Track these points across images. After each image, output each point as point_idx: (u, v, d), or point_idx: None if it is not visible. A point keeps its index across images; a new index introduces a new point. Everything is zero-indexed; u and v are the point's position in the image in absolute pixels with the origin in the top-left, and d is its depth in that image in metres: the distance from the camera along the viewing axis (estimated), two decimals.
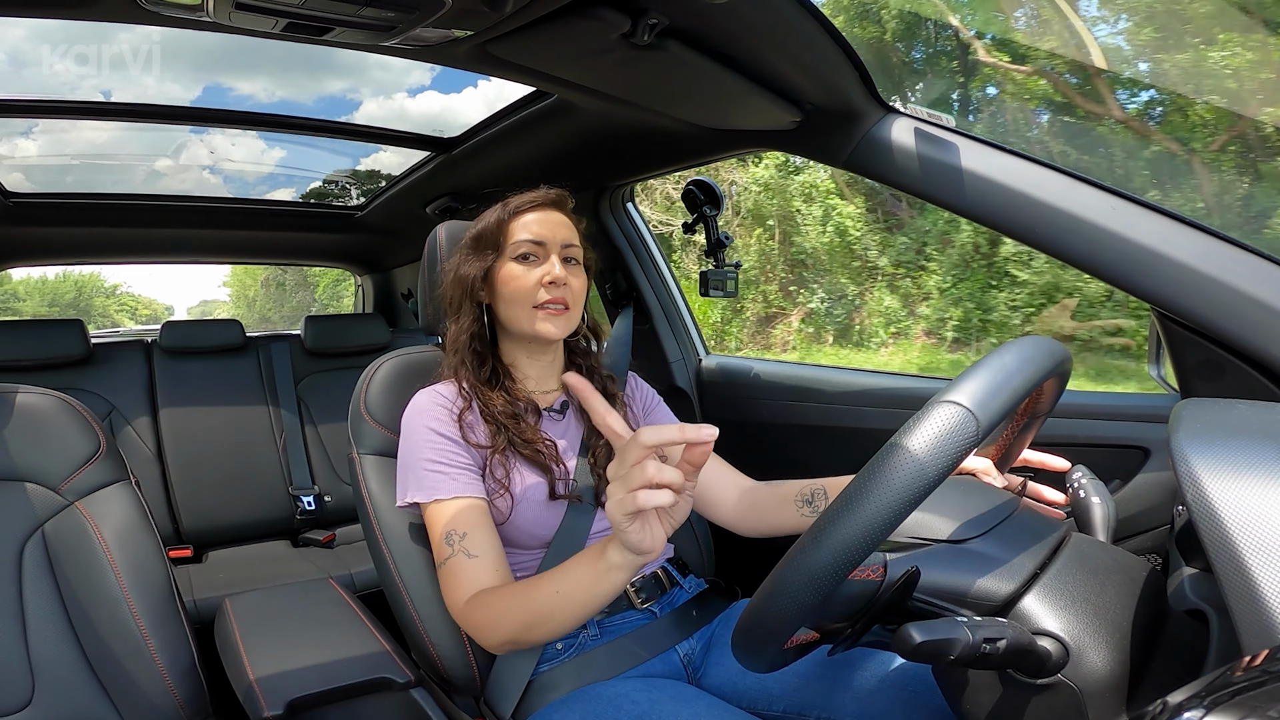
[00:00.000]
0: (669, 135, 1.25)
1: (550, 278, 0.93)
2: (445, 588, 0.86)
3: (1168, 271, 0.81)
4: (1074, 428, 1.09)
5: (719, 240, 1.46)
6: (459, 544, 0.85)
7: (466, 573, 0.84)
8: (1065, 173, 0.88)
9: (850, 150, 1.02)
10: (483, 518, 0.88)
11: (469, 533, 0.86)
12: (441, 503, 0.87)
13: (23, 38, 1.40)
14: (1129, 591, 0.59)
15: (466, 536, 0.85)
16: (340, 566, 1.82)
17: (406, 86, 7.15)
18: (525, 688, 0.90)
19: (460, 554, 0.85)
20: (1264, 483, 0.49)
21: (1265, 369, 0.78)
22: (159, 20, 0.78)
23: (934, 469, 0.48)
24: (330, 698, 0.90)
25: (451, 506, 0.87)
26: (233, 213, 2.16)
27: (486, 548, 0.86)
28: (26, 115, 1.52)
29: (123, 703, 0.90)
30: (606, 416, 0.68)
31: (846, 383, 1.43)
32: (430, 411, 0.92)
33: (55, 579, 0.90)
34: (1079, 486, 0.72)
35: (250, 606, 1.13)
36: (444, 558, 0.86)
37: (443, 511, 0.87)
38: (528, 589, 0.79)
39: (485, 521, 0.88)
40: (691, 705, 0.80)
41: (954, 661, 0.50)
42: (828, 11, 0.82)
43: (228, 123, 1.64)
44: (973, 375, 0.53)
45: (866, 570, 0.55)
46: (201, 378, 2.11)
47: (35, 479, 0.92)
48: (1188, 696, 0.36)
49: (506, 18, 0.78)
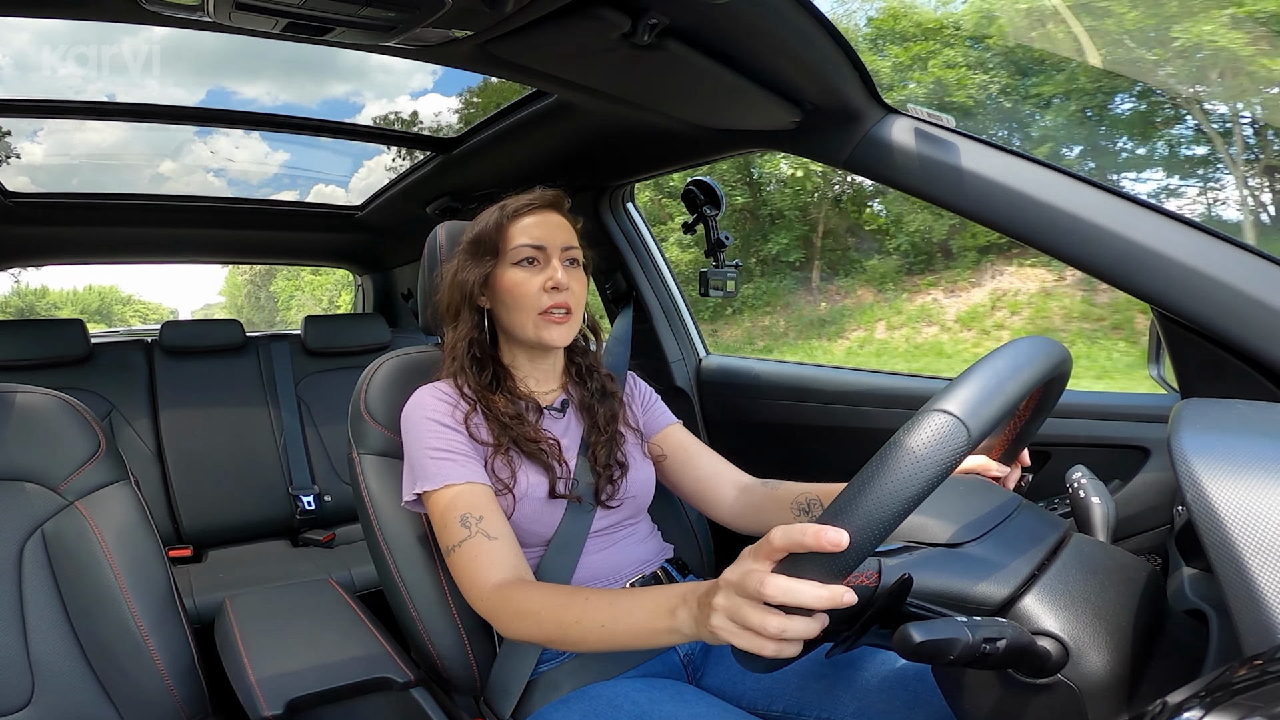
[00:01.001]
0: (669, 135, 1.25)
1: (553, 283, 0.93)
2: (465, 571, 0.83)
3: (1168, 271, 0.81)
4: (1074, 428, 1.09)
5: (719, 240, 1.46)
6: (476, 526, 0.83)
7: (489, 555, 0.82)
8: (1065, 173, 0.88)
9: (850, 150, 1.02)
10: (495, 503, 0.87)
11: (485, 515, 0.85)
12: (453, 487, 0.86)
13: (27, 42, 1.40)
14: (1129, 591, 0.59)
15: (483, 519, 0.84)
16: (340, 566, 1.82)
17: (409, 90, 7.16)
18: (525, 687, 0.90)
19: (480, 535, 0.83)
20: (1264, 483, 0.49)
21: (1265, 369, 0.78)
22: (159, 20, 0.78)
23: (923, 481, 0.48)
24: (330, 697, 0.90)
25: (463, 491, 0.86)
26: (233, 212, 2.16)
27: (504, 531, 0.85)
28: (31, 115, 1.52)
29: (122, 702, 0.90)
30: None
31: (846, 383, 1.43)
32: (433, 405, 0.92)
33: (55, 579, 0.90)
34: (1079, 486, 0.72)
35: (250, 606, 1.13)
36: (459, 540, 0.84)
37: (452, 496, 0.86)
38: (572, 609, 0.74)
39: (497, 507, 0.87)
40: (691, 705, 0.80)
41: (954, 661, 0.50)
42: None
43: (231, 123, 1.64)
44: (965, 382, 0.53)
45: (861, 576, 0.55)
46: (201, 377, 2.11)
47: (35, 479, 0.91)
48: (1187, 696, 0.36)
49: (507, 17, 0.78)
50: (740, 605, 0.55)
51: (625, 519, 1.00)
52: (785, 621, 0.53)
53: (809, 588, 0.51)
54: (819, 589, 0.51)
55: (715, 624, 0.57)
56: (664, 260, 1.71)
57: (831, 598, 0.51)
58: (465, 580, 0.84)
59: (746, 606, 0.54)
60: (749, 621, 0.54)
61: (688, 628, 0.63)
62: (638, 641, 0.69)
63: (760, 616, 0.53)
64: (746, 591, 0.54)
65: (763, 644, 0.54)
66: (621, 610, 0.70)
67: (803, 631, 0.53)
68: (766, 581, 0.52)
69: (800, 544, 0.52)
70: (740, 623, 0.55)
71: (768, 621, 0.53)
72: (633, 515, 1.01)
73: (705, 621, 0.59)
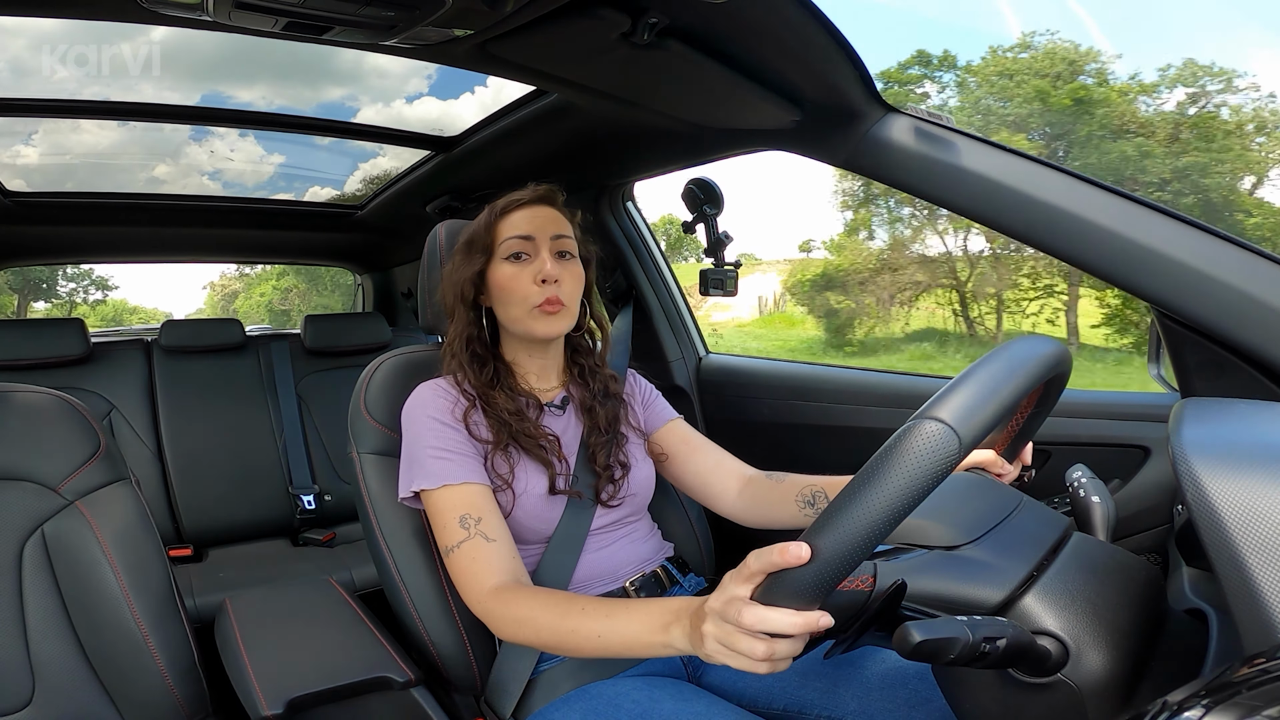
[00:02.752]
0: (669, 135, 1.25)
1: (543, 275, 0.92)
2: (463, 573, 0.84)
3: (1168, 271, 0.80)
4: (1074, 427, 1.09)
5: (719, 239, 1.46)
6: (475, 527, 0.84)
7: (487, 557, 0.83)
8: (1065, 172, 0.88)
9: (850, 149, 1.02)
10: (493, 504, 0.88)
11: (484, 517, 0.85)
12: (451, 488, 0.86)
13: (24, 46, 1.40)
14: (1129, 591, 0.59)
15: (482, 520, 0.85)
16: (340, 566, 1.82)
17: (405, 94, 7.10)
18: (525, 686, 0.90)
19: (478, 537, 0.84)
20: (1264, 483, 0.49)
21: (1265, 369, 0.78)
22: (159, 20, 0.78)
23: (913, 491, 0.48)
24: (330, 697, 0.90)
25: (462, 491, 0.86)
26: (233, 212, 2.16)
27: (502, 533, 0.86)
28: (27, 115, 1.51)
29: (123, 702, 0.90)
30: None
31: (846, 382, 1.43)
32: (433, 402, 0.92)
33: (55, 578, 0.90)
34: (1079, 486, 0.72)
35: (250, 606, 1.13)
36: (457, 541, 0.84)
37: (453, 496, 0.86)
38: (569, 618, 0.75)
39: (496, 508, 0.88)
40: (691, 704, 0.80)
41: (953, 661, 0.50)
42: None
43: (232, 122, 1.64)
44: (958, 388, 0.52)
45: (856, 580, 0.55)
46: (201, 377, 2.11)
47: (35, 478, 0.91)
48: (1187, 696, 0.36)
49: (507, 17, 0.78)
50: (728, 633, 0.57)
51: (625, 517, 1.00)
52: (770, 645, 0.55)
53: (783, 616, 0.53)
54: (793, 617, 0.53)
55: (709, 649, 0.60)
56: (664, 259, 1.71)
57: (806, 624, 0.53)
58: (463, 582, 0.85)
59: (734, 634, 0.57)
60: (737, 647, 0.57)
61: (681, 644, 0.65)
62: (632, 652, 0.71)
63: (747, 643, 0.56)
64: (729, 619, 0.57)
65: (755, 665, 0.57)
66: (618, 622, 0.72)
67: (788, 652, 0.56)
68: (744, 613, 0.55)
69: (774, 564, 0.54)
70: (730, 648, 0.58)
71: (755, 648, 0.56)
72: (633, 513, 1.01)
73: (699, 645, 0.61)
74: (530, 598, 0.80)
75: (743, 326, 15.91)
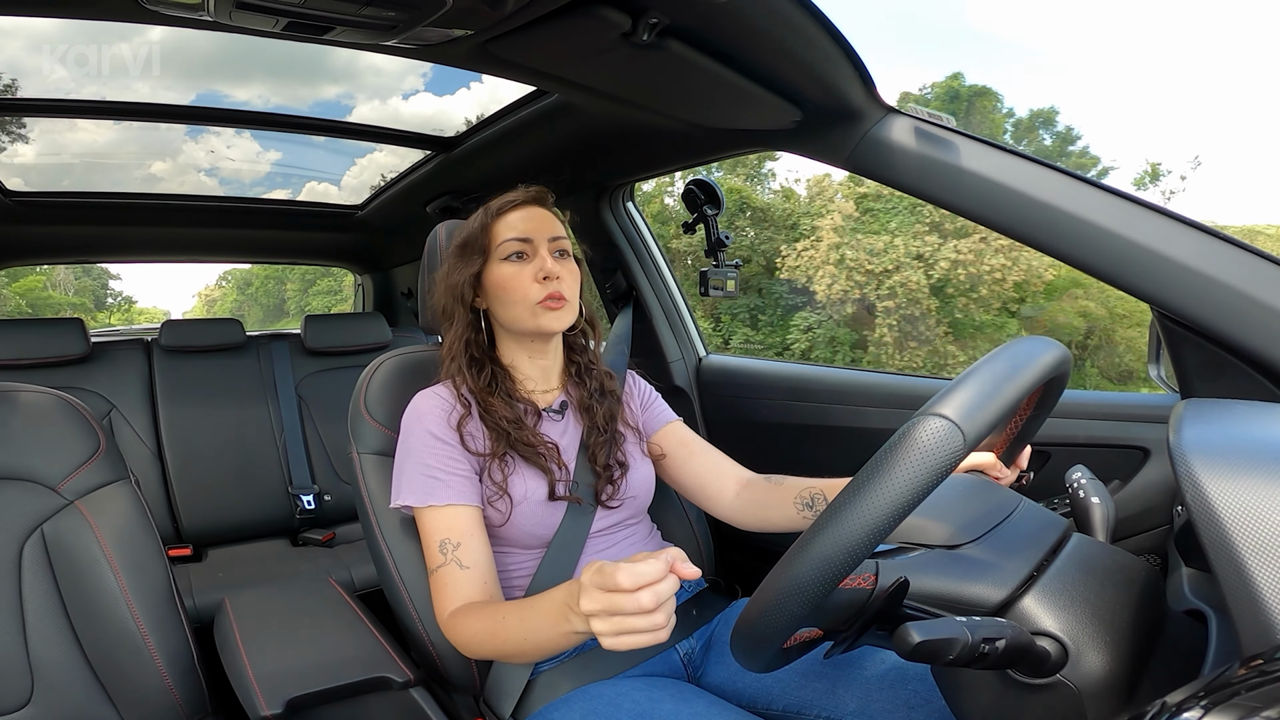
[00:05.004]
0: (669, 135, 1.25)
1: (544, 273, 0.93)
2: (435, 595, 0.87)
3: (1168, 271, 0.81)
4: (1074, 428, 1.09)
5: (719, 240, 1.46)
6: (452, 553, 0.86)
7: (456, 584, 0.85)
8: (1065, 173, 0.88)
9: (850, 150, 1.02)
10: (477, 527, 0.88)
11: (462, 543, 0.86)
12: (436, 509, 0.87)
13: (20, 48, 1.40)
14: (1128, 591, 0.59)
15: (460, 546, 0.86)
16: (340, 566, 1.82)
17: (401, 90, 7.18)
18: (525, 687, 0.90)
19: (453, 564, 0.85)
20: (1264, 483, 0.49)
21: (1265, 369, 0.78)
22: (160, 20, 0.78)
23: (918, 486, 0.48)
24: (329, 696, 0.90)
25: (446, 514, 0.87)
26: (233, 212, 2.16)
27: (478, 559, 0.86)
28: (26, 115, 1.51)
29: (122, 701, 0.90)
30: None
31: (846, 382, 1.43)
32: (430, 415, 0.91)
33: (55, 578, 0.90)
34: (1079, 486, 0.72)
35: (250, 605, 1.13)
36: (435, 565, 0.86)
37: (437, 518, 0.87)
38: (500, 623, 0.77)
39: (479, 531, 0.88)
40: (691, 704, 0.80)
41: (953, 661, 0.50)
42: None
43: (232, 122, 1.64)
44: (962, 385, 0.52)
45: (858, 579, 0.55)
46: (201, 376, 2.11)
47: (34, 478, 0.91)
48: (1187, 696, 0.36)
49: (507, 17, 0.78)
50: (612, 602, 0.59)
51: (625, 519, 1.00)
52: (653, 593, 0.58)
53: (653, 564, 0.59)
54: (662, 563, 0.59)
55: (596, 627, 0.61)
56: (664, 259, 1.71)
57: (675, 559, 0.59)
58: (435, 604, 0.87)
59: (618, 600, 0.59)
60: (623, 608, 0.59)
61: (581, 625, 0.65)
62: (558, 646, 0.73)
63: (631, 603, 0.58)
64: (606, 587, 0.60)
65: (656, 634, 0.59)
66: (530, 624, 0.73)
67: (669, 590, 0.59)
68: (619, 572, 0.59)
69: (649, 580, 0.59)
70: (614, 612, 0.59)
71: (642, 602, 0.58)
72: (633, 515, 1.01)
73: (593, 631, 0.62)
74: (470, 615, 0.82)
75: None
